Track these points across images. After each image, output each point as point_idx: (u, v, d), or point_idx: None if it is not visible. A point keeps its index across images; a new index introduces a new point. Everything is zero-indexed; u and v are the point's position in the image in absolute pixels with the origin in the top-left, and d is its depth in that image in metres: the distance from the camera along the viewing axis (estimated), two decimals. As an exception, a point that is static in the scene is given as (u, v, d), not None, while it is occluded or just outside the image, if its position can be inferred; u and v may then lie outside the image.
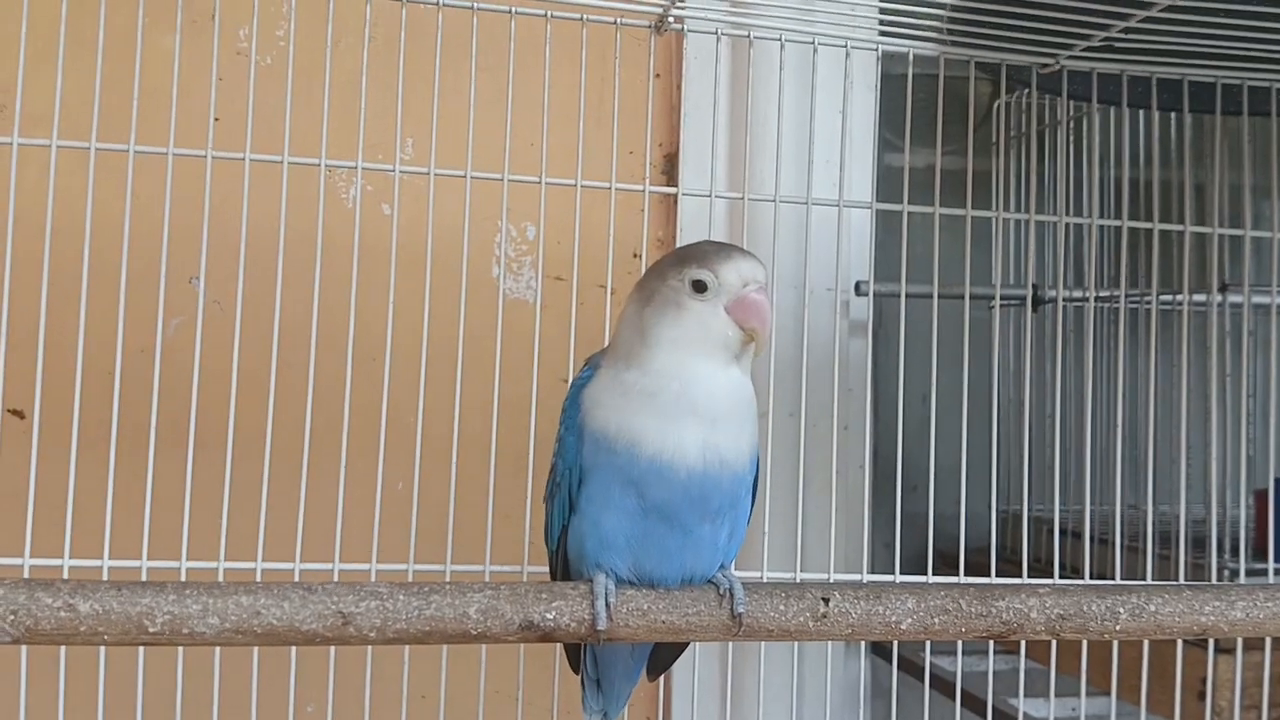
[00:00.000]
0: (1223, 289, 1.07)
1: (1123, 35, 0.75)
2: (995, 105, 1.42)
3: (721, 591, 0.56)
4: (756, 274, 0.57)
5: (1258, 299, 1.22)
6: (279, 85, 0.93)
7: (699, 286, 0.56)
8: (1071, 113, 1.31)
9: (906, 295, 1.26)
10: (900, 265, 1.17)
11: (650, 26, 0.98)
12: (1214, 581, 1.03)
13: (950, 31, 0.81)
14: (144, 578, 0.79)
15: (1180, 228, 1.11)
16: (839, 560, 1.01)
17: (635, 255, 1.31)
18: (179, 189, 0.89)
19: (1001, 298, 1.29)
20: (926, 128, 1.41)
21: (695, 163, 1.28)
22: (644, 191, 1.04)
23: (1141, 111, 1.22)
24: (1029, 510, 1.06)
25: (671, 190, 1.25)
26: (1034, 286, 1.34)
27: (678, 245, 1.29)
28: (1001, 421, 1.23)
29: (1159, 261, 1.10)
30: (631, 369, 0.55)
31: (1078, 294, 1.28)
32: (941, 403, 1.10)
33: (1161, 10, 0.70)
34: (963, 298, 1.19)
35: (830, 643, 1.25)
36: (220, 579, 0.79)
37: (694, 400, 0.55)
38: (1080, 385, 1.18)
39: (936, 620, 0.56)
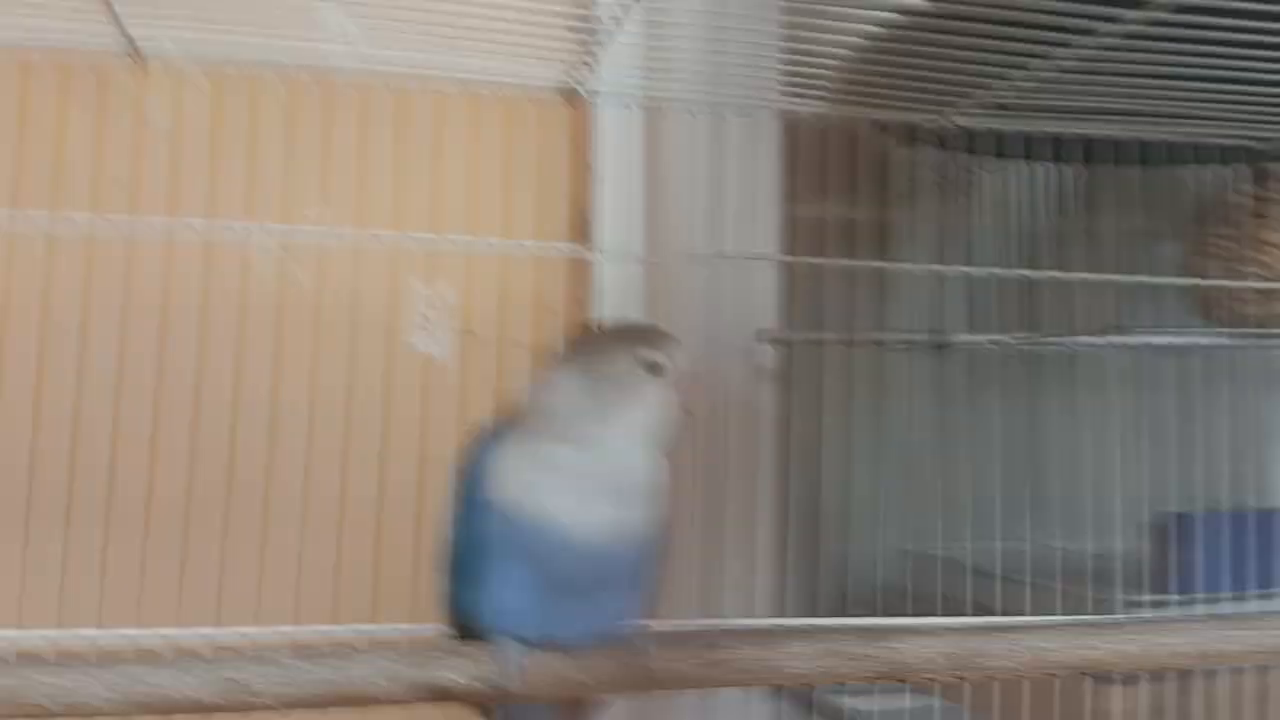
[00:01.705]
0: (1114, 330, 1.11)
1: (1006, 95, 0.78)
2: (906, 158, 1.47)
3: (630, 647, 0.57)
4: (689, 359, 0.60)
5: (1153, 339, 1.26)
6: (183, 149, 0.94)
7: (654, 368, 0.58)
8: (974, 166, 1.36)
9: (813, 342, 1.29)
10: (809, 313, 1.20)
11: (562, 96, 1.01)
12: (1117, 615, 1.06)
13: (842, 90, 0.84)
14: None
15: (1071, 275, 1.16)
16: (749, 606, 1.02)
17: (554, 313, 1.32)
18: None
19: (907, 343, 1.33)
20: (837, 181, 1.45)
21: (609, 224, 1.30)
22: (559, 252, 1.06)
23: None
24: (939, 550, 1.09)
25: (586, 252, 1.27)
26: (938, 332, 1.39)
27: (594, 305, 1.31)
28: (911, 463, 1.26)
29: (1055, 306, 1.15)
30: (563, 444, 0.56)
31: (979, 338, 1.32)
32: (856, 447, 1.13)
33: (1043, 74, 0.74)
34: (871, 344, 1.22)
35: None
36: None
37: (624, 480, 0.56)
38: (986, 426, 1.21)
39: (825, 663, 0.58)
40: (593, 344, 0.58)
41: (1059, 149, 1.08)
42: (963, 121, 0.85)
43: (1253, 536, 1.09)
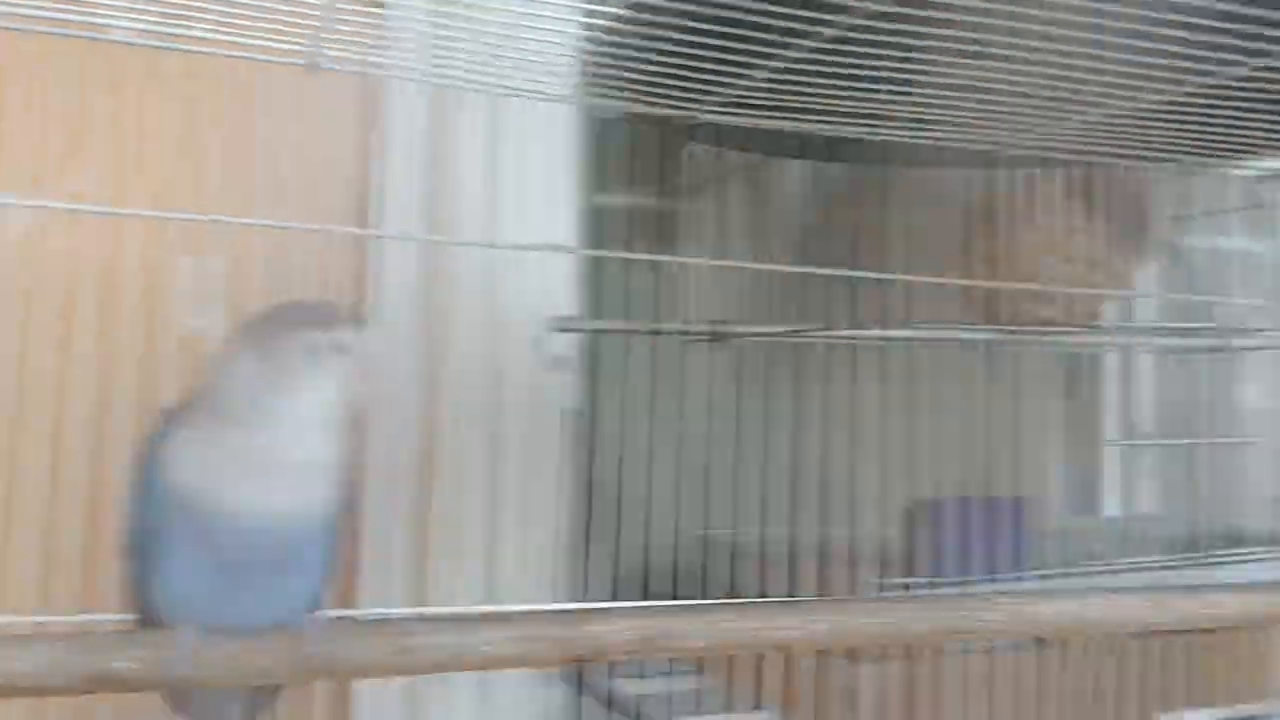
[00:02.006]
0: (860, 325, 1.16)
1: (746, 92, 0.80)
2: (684, 152, 1.49)
3: (301, 633, 0.57)
4: (366, 339, 0.59)
5: (918, 333, 1.32)
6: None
7: (330, 347, 0.56)
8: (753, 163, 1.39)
9: (603, 331, 1.31)
10: (601, 303, 1.22)
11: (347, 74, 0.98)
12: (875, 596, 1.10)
13: (598, 81, 0.85)
14: None
15: (833, 271, 1.20)
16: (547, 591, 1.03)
17: (332, 293, 1.30)
18: None
19: (691, 334, 1.36)
20: (634, 173, 1.48)
21: (390, 204, 1.28)
22: (337, 232, 1.03)
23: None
24: (729, 536, 1.11)
25: (365, 231, 1.25)
26: (718, 323, 1.42)
27: (370, 287, 1.29)
28: (696, 451, 1.29)
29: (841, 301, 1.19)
30: (235, 426, 0.55)
31: (756, 329, 1.35)
32: (654, 435, 1.15)
33: (773, 72, 0.76)
34: (659, 334, 1.24)
35: (518, 672, 1.28)
36: None
37: (297, 462, 0.55)
38: (765, 415, 1.25)
39: (520, 648, 0.58)
40: (268, 323, 0.57)
41: (832, 148, 1.11)
42: (709, 117, 0.87)
43: (1000, 522, 1.15)
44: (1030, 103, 0.82)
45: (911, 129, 0.92)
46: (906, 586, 1.14)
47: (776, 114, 0.85)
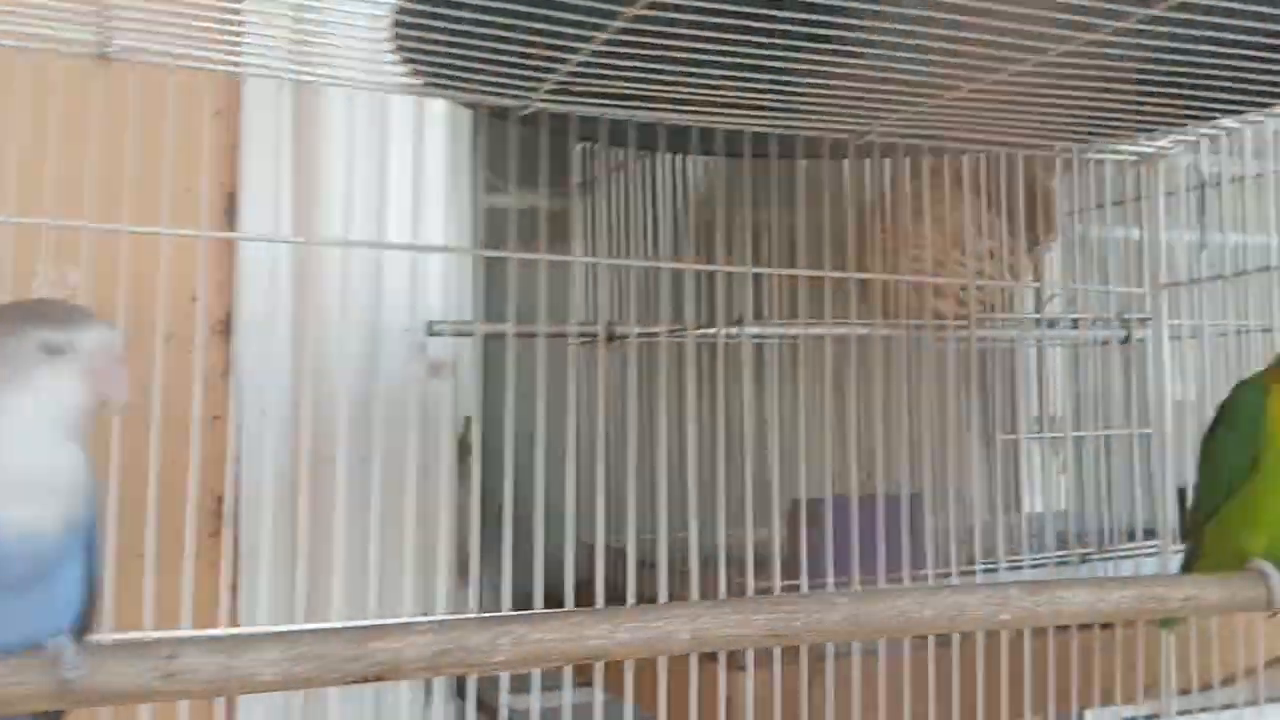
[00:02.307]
0: (738, 322, 1.13)
1: (574, 78, 0.77)
2: (576, 150, 1.46)
3: (57, 657, 0.53)
4: (114, 341, 0.55)
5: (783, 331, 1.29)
6: None
7: (56, 349, 0.53)
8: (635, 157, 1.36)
9: (484, 335, 1.27)
10: (493, 305, 1.18)
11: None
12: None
13: (444, 71, 0.81)
14: None
15: (719, 268, 1.18)
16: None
17: (194, 299, 1.26)
18: None
19: (580, 335, 1.32)
20: (527, 174, 1.44)
21: (255, 205, 1.24)
22: (190, 235, 0.99)
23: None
24: (621, 541, 1.08)
25: (230, 234, 1.21)
26: (609, 323, 1.39)
27: (240, 290, 1.25)
28: (588, 456, 1.25)
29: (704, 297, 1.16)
30: None
31: (647, 329, 1.33)
32: (548, 440, 1.11)
33: (595, 55, 0.72)
34: (544, 336, 1.21)
35: (407, 685, 1.24)
36: None
37: (20, 474, 0.51)
38: (661, 416, 1.21)
39: (304, 668, 0.55)
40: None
41: (729, 142, 1.08)
42: (542, 105, 0.84)
43: (887, 520, 1.12)
44: (871, 86, 0.80)
45: (754, 115, 0.89)
46: (796, 588, 1.11)
47: (612, 101, 0.82)
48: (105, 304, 1.20)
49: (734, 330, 1.16)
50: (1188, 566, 0.91)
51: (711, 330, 1.19)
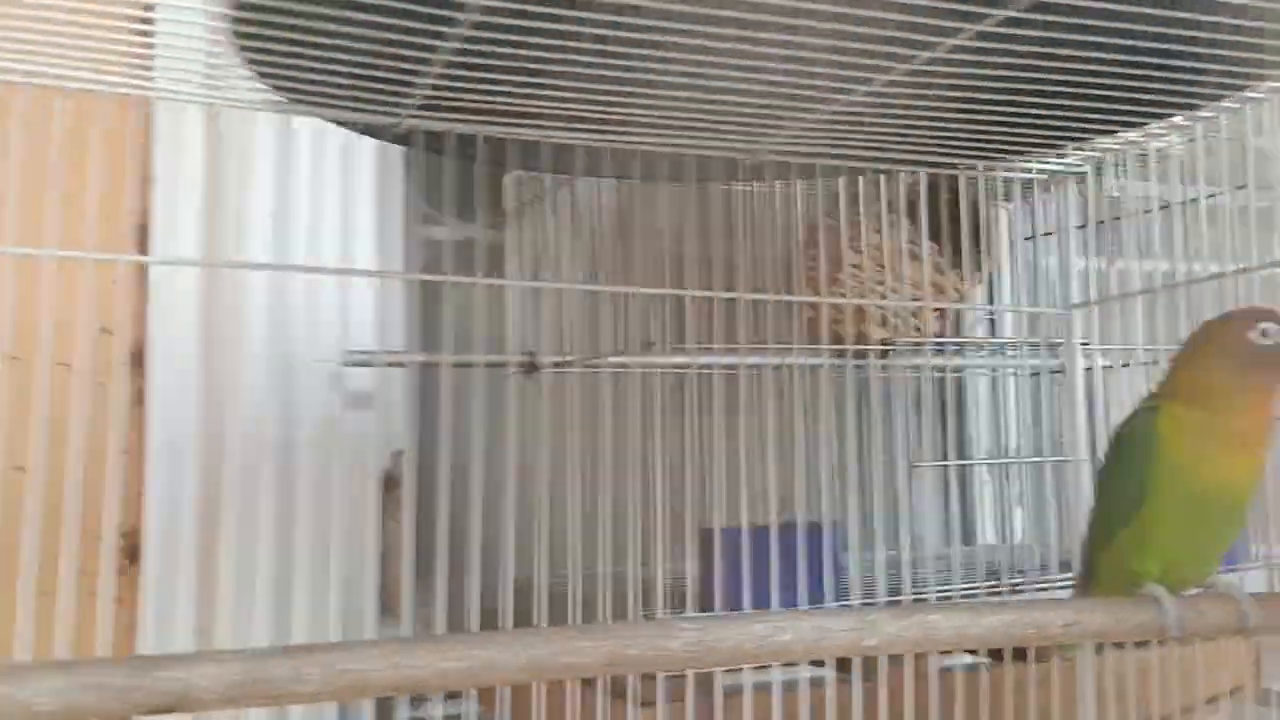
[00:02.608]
0: (647, 347, 1.10)
1: (436, 93, 0.75)
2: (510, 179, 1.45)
3: None
4: None
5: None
6: None
7: None
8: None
9: (403, 364, 1.25)
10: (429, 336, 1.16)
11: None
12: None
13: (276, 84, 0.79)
14: None
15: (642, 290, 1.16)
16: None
17: (106, 330, 1.24)
18: None
19: (501, 365, 1.30)
20: (462, 203, 1.43)
21: (166, 232, 1.22)
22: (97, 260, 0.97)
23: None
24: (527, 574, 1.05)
25: (142, 259, 1.20)
26: (530, 353, 1.36)
27: (153, 320, 1.23)
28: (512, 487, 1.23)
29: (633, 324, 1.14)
30: None
31: (566, 358, 1.30)
32: (473, 471, 1.08)
33: (454, 68, 0.71)
34: (451, 365, 1.18)
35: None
36: None
37: None
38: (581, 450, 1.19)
39: (86, 698, 0.52)
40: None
41: (647, 166, 1.07)
42: (415, 121, 0.82)
43: (802, 549, 1.08)
44: (738, 102, 0.78)
45: (631, 132, 0.87)
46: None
47: (485, 118, 0.80)
48: (23, 332, 1.19)
49: (647, 359, 1.13)
50: (1083, 594, 0.87)
51: (624, 358, 1.16)
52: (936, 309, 1.33)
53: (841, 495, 1.15)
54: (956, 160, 1.01)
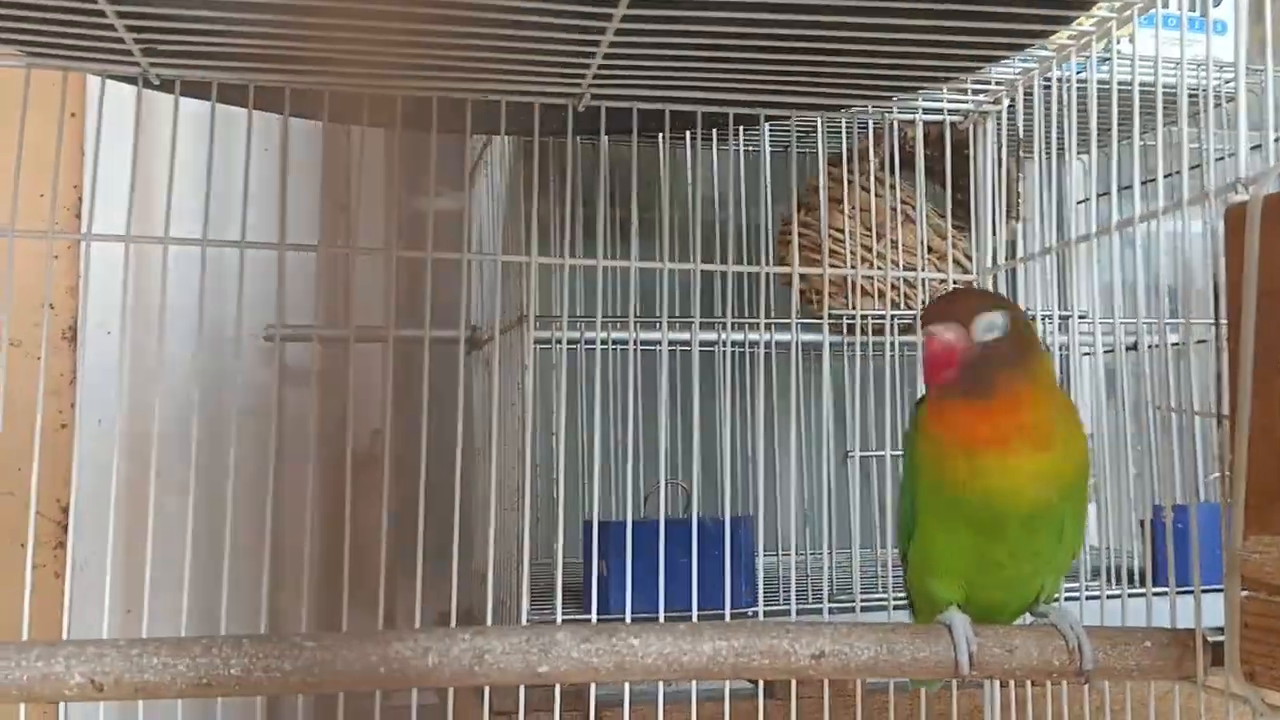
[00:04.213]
0: (520, 321, 1.01)
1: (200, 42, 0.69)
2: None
3: None
4: None
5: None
6: None
7: None
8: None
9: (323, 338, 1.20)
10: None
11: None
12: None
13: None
14: None
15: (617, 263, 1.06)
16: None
17: (49, 305, 1.25)
18: None
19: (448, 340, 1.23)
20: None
21: (102, 206, 1.21)
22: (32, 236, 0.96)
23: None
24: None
25: (76, 237, 1.19)
26: (474, 328, 1.29)
27: (84, 292, 1.22)
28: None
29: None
30: None
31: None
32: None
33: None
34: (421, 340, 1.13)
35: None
36: None
37: None
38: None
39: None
40: None
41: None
42: (163, 71, 0.76)
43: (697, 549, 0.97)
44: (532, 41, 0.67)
45: (434, 78, 0.78)
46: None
47: (223, 63, 0.73)
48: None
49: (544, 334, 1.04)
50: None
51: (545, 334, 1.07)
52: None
53: (762, 487, 1.02)
54: (844, 100, 0.87)
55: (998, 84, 0.95)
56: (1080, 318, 1.00)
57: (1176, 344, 0.89)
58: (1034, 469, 0.59)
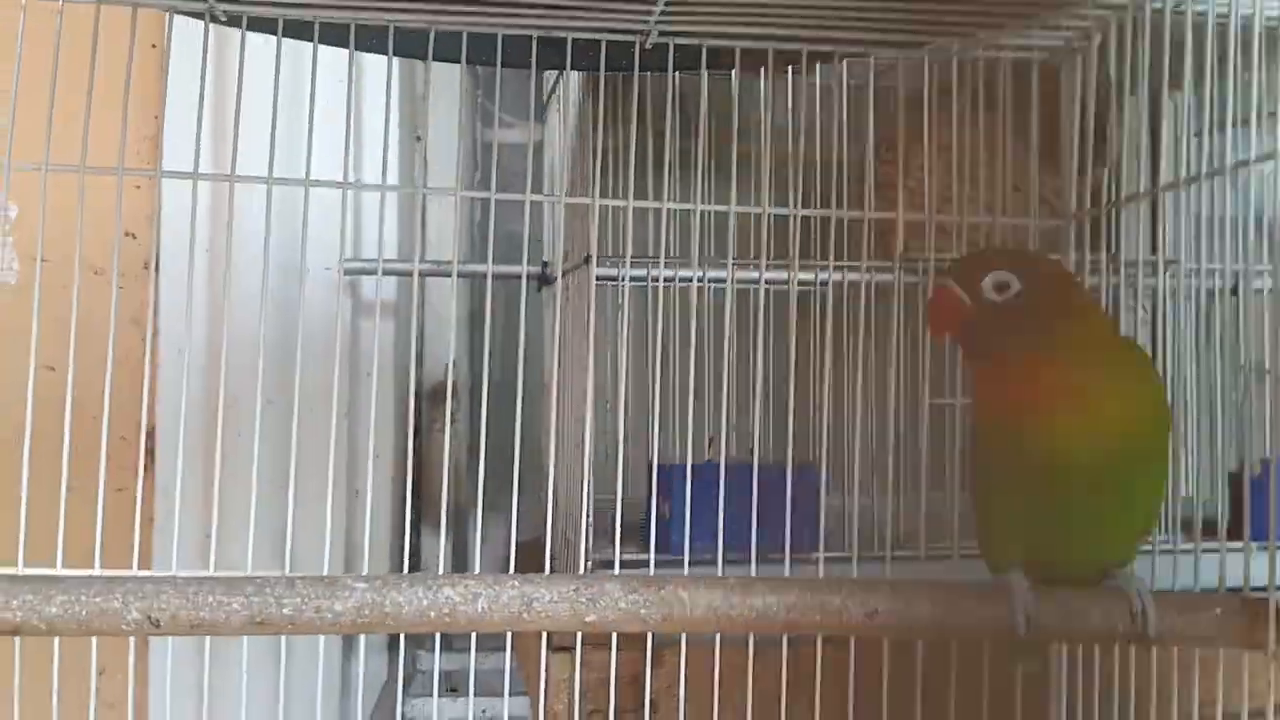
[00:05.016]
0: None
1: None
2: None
3: None
4: None
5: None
6: None
7: None
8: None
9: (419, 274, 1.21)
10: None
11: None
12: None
13: None
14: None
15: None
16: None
17: (130, 235, 1.27)
18: None
19: (528, 276, 1.23)
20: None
21: (177, 143, 1.22)
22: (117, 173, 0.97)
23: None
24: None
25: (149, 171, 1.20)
26: (544, 264, 1.28)
27: (162, 227, 1.24)
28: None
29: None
30: None
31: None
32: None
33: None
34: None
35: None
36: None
37: None
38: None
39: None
40: None
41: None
42: (231, 9, 0.75)
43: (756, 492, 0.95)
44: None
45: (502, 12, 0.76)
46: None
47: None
48: (50, 240, 1.24)
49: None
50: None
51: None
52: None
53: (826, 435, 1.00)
54: (924, 37, 0.84)
55: (1086, 19, 0.90)
56: (1169, 263, 0.95)
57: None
58: (1081, 427, 0.57)
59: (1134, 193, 0.92)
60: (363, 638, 1.21)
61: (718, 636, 0.89)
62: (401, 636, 1.07)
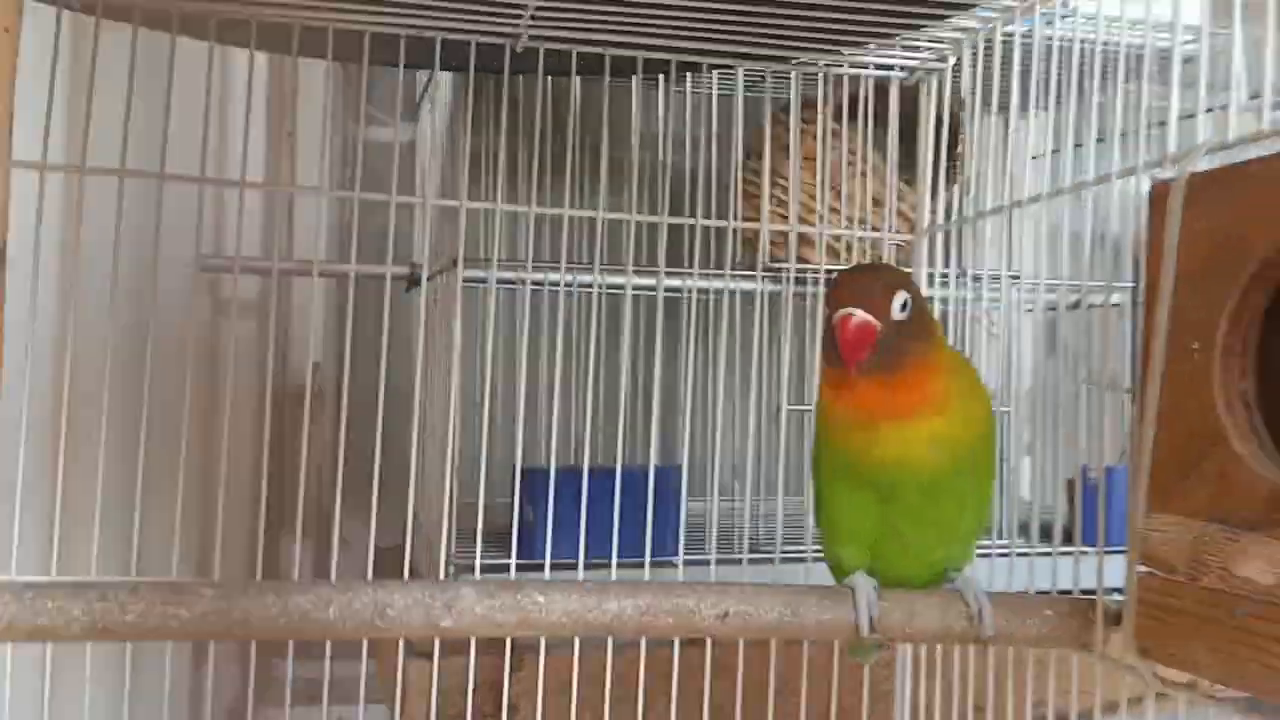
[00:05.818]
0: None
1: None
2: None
3: None
4: None
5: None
6: None
7: None
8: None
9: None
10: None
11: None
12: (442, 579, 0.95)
13: None
14: None
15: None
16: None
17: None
18: None
19: (395, 277, 1.21)
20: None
21: (25, 132, 1.17)
22: None
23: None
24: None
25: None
26: (413, 265, 1.27)
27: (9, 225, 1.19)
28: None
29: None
30: None
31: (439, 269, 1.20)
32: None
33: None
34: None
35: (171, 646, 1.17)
36: None
37: None
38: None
39: None
40: None
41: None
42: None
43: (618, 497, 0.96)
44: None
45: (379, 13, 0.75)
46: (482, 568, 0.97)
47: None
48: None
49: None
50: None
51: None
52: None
53: (706, 438, 1.02)
54: (788, 51, 0.86)
55: (944, 42, 0.94)
56: (1012, 278, 0.99)
57: (1117, 304, 0.90)
58: (927, 438, 0.60)
59: (983, 210, 0.96)
60: (213, 645, 1.18)
61: (576, 640, 0.90)
62: (253, 644, 1.05)
